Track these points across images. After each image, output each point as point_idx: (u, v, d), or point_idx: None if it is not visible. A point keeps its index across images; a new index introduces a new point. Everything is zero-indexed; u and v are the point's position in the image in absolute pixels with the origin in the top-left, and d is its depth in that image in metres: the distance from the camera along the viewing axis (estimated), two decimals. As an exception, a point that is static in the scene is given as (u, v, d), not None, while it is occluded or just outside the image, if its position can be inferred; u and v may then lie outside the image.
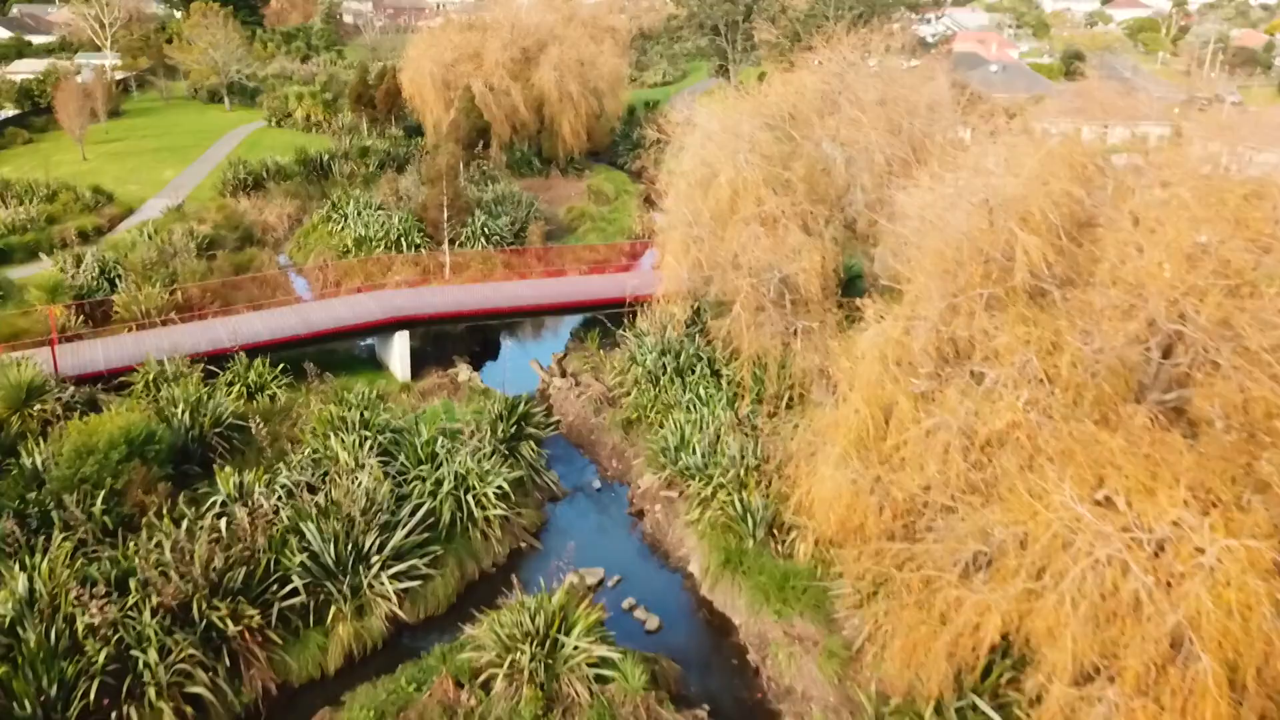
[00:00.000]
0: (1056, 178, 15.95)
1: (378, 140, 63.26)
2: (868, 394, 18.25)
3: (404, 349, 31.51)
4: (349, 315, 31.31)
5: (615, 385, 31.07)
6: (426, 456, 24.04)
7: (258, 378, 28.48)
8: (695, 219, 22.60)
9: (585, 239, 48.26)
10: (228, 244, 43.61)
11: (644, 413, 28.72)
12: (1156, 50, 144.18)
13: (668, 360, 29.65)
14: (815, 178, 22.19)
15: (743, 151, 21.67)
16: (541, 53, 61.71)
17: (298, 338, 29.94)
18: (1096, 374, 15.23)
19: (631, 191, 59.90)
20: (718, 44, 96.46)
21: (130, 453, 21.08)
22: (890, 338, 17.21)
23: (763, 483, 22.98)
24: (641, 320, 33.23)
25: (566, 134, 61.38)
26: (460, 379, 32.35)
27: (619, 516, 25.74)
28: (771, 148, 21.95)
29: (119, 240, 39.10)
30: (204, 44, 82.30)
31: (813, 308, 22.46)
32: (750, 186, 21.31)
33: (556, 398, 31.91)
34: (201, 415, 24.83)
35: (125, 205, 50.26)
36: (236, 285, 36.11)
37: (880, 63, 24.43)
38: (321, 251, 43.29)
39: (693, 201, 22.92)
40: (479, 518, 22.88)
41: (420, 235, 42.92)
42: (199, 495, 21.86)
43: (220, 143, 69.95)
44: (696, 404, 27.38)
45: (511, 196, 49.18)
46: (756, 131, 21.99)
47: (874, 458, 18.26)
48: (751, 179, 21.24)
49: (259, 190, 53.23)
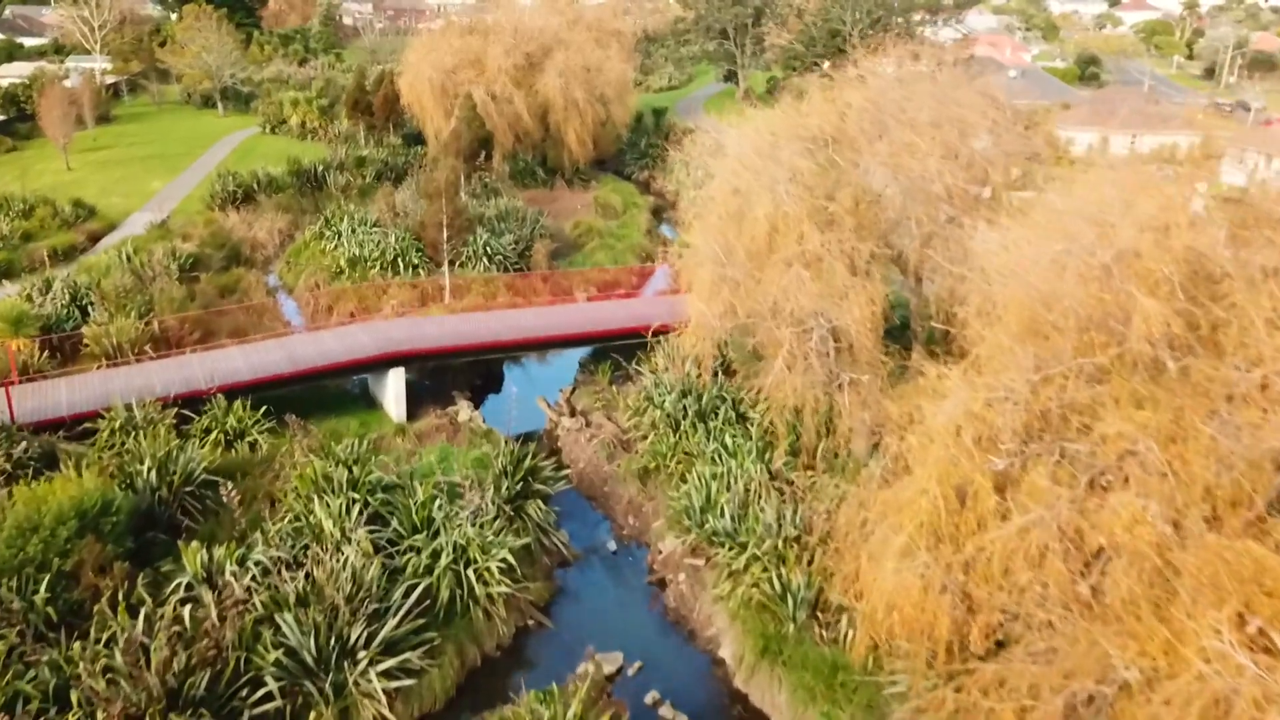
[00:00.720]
0: (1177, 227, 13.25)
1: (375, 149, 60.66)
2: (938, 472, 15.57)
3: (399, 387, 28.82)
4: (339, 350, 28.62)
5: (630, 427, 28.39)
6: (422, 522, 21.35)
7: (237, 423, 25.82)
8: (727, 256, 19.90)
9: (593, 257, 45.58)
10: (213, 264, 40.96)
11: (663, 461, 26.01)
12: (1171, 54, 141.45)
13: (688, 402, 26.94)
14: (863, 210, 19.53)
15: (782, 181, 19.01)
16: (546, 58, 59.02)
17: (282, 377, 27.25)
18: (1233, 468, 12.54)
19: (640, 204, 57.21)
20: (726, 48, 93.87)
21: (83, 527, 18.40)
22: (969, 412, 14.51)
23: (804, 556, 20.27)
24: (658, 353, 30.59)
25: (572, 143, 58.70)
26: (460, 418, 29.64)
27: (638, 586, 23.03)
28: (814, 176, 19.28)
29: (94, 263, 36.45)
30: (196, 47, 79.64)
31: (860, 356, 19.77)
32: (792, 222, 18.65)
33: (565, 440, 29.21)
34: (171, 473, 22.14)
35: (107, 220, 47.63)
36: (220, 313, 33.39)
37: (932, 76, 21.70)
38: (313, 273, 40.62)
39: (724, 236, 20.23)
40: (481, 595, 20.17)
41: (418, 255, 40.25)
42: (162, 575, 19.15)
43: (212, 150, 67.33)
44: (722, 454, 24.68)
45: (515, 212, 46.48)
46: (797, 158, 19.32)
47: (947, 549, 15.58)
48: (793, 213, 18.57)
49: (249, 203, 50.62)
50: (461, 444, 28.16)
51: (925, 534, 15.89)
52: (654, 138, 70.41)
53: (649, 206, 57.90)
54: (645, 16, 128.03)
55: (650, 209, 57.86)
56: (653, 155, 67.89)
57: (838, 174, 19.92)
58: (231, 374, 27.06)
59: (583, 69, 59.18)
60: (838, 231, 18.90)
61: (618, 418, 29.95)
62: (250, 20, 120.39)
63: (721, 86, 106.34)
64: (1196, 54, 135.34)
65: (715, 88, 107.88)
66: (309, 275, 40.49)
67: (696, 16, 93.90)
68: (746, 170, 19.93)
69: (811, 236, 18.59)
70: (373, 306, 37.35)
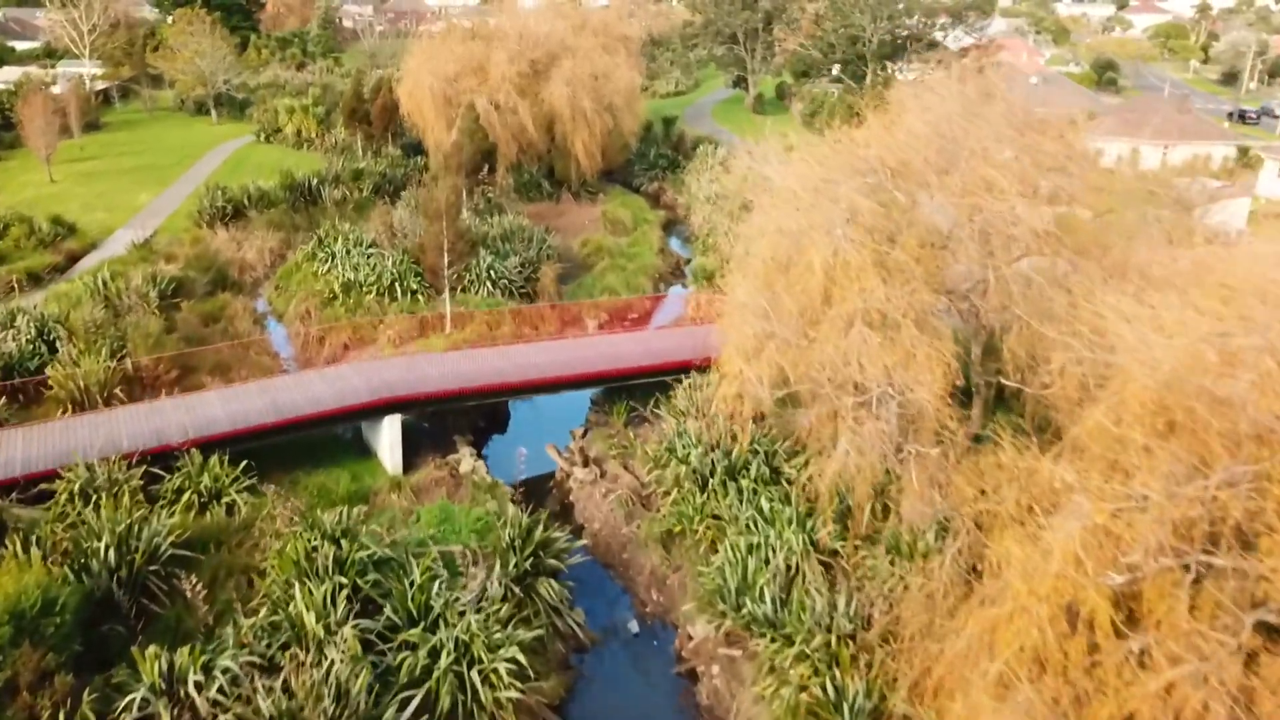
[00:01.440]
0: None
1: (373, 161, 57.88)
2: (1043, 589, 12.83)
3: (395, 436, 26.09)
4: (329, 396, 25.87)
5: (651, 480, 25.65)
6: (419, 610, 18.60)
7: (213, 482, 23.06)
8: (773, 308, 17.14)
9: (604, 279, 42.80)
10: (197, 289, 38.19)
11: (688, 524, 23.24)
12: (1188, 58, 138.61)
13: (716, 457, 24.15)
14: (931, 256, 16.82)
15: (839, 224, 16.29)
16: (552, 66, 56.26)
17: (265, 427, 24.50)
18: None
19: (651, 220, 54.42)
20: (735, 53, 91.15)
21: (19, 631, 15.66)
22: (1094, 525, 11.76)
23: (861, 656, 17.53)
24: (679, 393, 27.88)
25: (580, 155, 55.94)
26: (462, 469, 26.89)
27: (664, 676, 20.29)
28: (874, 216, 16.55)
29: (66, 291, 33.69)
30: (189, 53, 76.88)
31: (925, 424, 17.02)
32: (852, 272, 15.94)
33: (579, 495, 26.47)
34: (132, 550, 19.39)
35: (88, 238, 44.85)
36: (198, 353, 30.60)
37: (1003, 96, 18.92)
38: (304, 298, 37.83)
39: (770, 286, 17.49)
40: (487, 700, 17.42)
41: (417, 280, 37.48)
42: (114, 686, 16.39)
43: (204, 161, 64.65)
44: (758, 521, 21.91)
45: (520, 231, 43.71)
46: (856, 196, 16.57)
47: (1053, 682, 12.84)
48: (855, 262, 15.86)
49: (239, 220, 47.86)
50: (464, 499, 25.43)
51: (1026, 661, 13.16)
52: (663, 147, 67.74)
53: (660, 222, 55.13)
54: (650, 19, 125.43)
55: (661, 224, 55.09)
56: (662, 166, 65.23)
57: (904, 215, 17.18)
58: (208, 424, 24.30)
59: (590, 77, 56.43)
60: (904, 281, 16.16)
61: (636, 467, 27.23)
62: (247, 23, 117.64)
63: (729, 92, 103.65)
64: (1214, 58, 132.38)
65: (723, 93, 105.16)
66: (300, 301, 37.71)
67: (705, 20, 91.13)
68: (795, 208, 17.18)
69: (875, 289, 15.87)
70: (368, 337, 34.65)
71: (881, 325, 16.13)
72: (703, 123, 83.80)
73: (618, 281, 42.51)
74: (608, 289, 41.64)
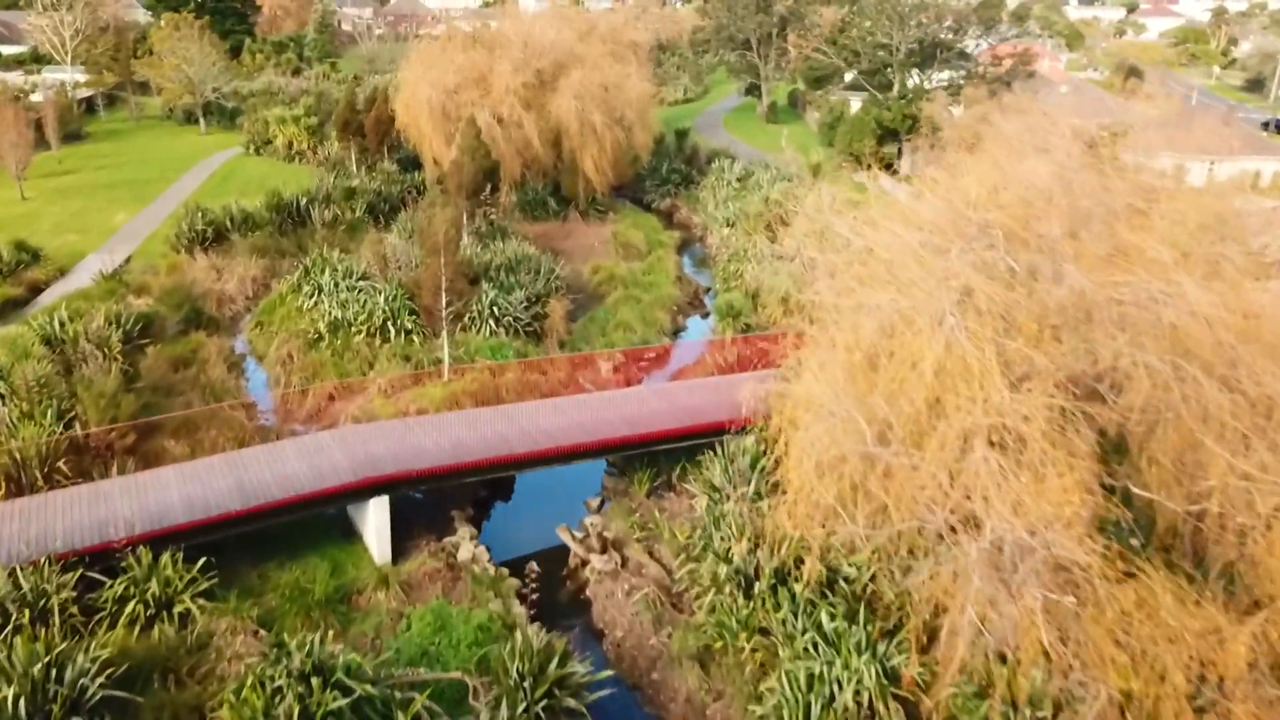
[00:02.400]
0: None
1: (366, 178, 54.11)
2: None
3: (382, 520, 22.34)
4: (305, 474, 22.08)
5: (682, 575, 21.89)
6: (406, 781, 14.84)
7: (164, 587, 19.30)
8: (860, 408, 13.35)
9: (617, 313, 39.03)
10: (168, 328, 34.45)
11: (730, 639, 19.47)
12: (1210, 63, 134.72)
13: (762, 556, 20.34)
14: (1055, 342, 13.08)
15: (948, 305, 12.58)
16: (559, 76, 52.50)
17: (229, 517, 20.72)
18: None
19: (666, 243, 50.61)
20: (748, 59, 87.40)
21: None
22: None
23: None
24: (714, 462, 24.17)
25: (589, 171, 52.18)
26: (461, 556, 23.14)
27: None
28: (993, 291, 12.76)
29: (14, 336, 29.84)
30: (176, 59, 73.13)
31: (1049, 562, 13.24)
32: (970, 372, 12.24)
33: (596, 591, 22.66)
34: (50, 698, 15.63)
35: (55, 265, 41.16)
36: (158, 417, 26.85)
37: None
38: (286, 339, 34.06)
39: (854, 383, 13.76)
40: None
41: (412, 319, 33.72)
42: None
43: (189, 175, 61.05)
44: (819, 643, 18.11)
45: (527, 260, 39.92)
46: (972, 272, 12.84)
47: None
48: (976, 363, 12.15)
49: (221, 244, 44.12)
50: (462, 597, 21.71)
51: None
52: (676, 162, 63.97)
53: (675, 244, 51.35)
54: (655, 23, 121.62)
55: (676, 246, 51.32)
56: (675, 182, 61.48)
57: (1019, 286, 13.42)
58: (161, 513, 20.53)
59: (600, 88, 52.65)
60: (1037, 384, 12.43)
61: (663, 553, 23.49)
62: (243, 27, 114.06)
63: (739, 100, 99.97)
64: (1240, 64, 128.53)
65: (733, 101, 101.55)
66: (281, 343, 33.92)
67: (717, 26, 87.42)
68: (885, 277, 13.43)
69: (1000, 395, 12.15)
70: (356, 385, 30.91)
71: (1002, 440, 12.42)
72: (715, 133, 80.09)
73: (633, 315, 38.73)
74: (622, 324, 37.88)
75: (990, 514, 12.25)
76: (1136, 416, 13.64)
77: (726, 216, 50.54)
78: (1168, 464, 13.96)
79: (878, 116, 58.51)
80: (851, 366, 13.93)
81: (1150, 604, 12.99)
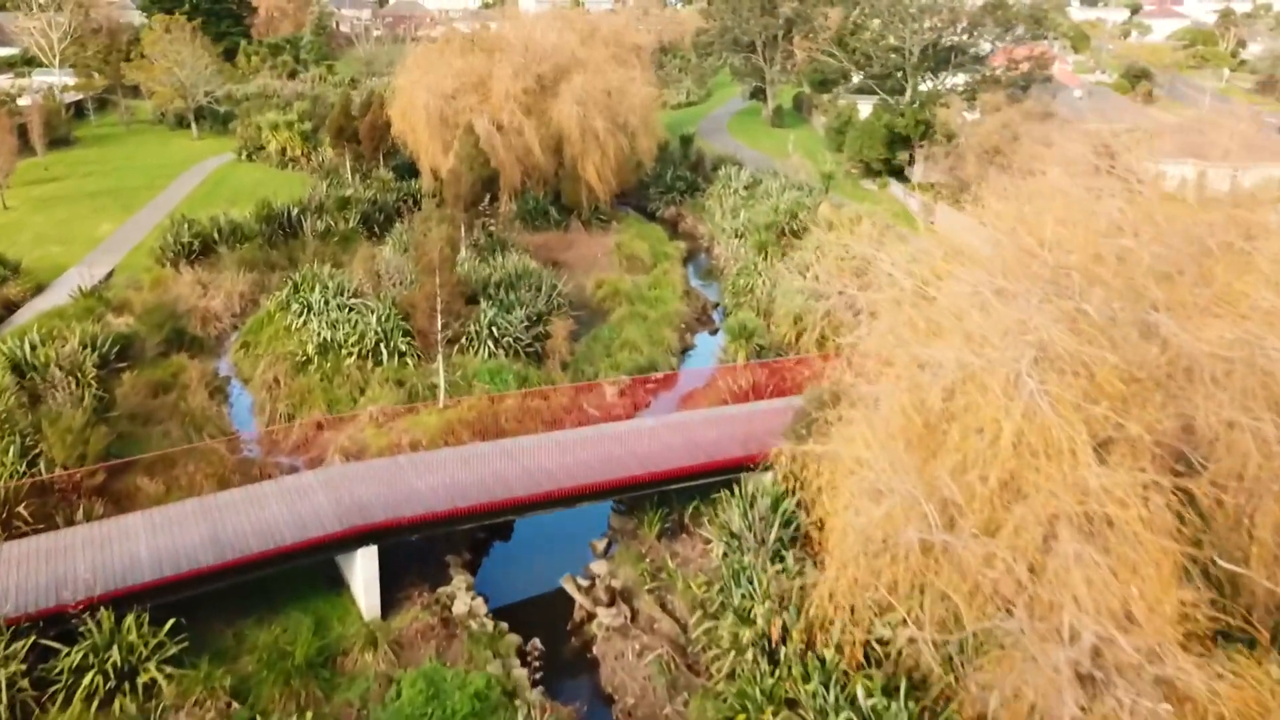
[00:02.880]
0: None
1: (361, 186, 52.20)
2: None
3: (371, 572, 20.46)
4: (286, 522, 20.18)
5: (698, 632, 20.00)
6: None
7: (127, 654, 17.42)
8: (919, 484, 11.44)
9: (623, 331, 37.11)
10: (148, 349, 32.57)
11: (753, 712, 17.56)
12: (1220, 65, 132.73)
13: (788, 618, 18.44)
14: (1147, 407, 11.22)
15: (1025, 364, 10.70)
16: (561, 81, 50.58)
17: (200, 573, 18.83)
18: None
19: (671, 254, 48.67)
20: (753, 62, 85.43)
21: None
22: None
23: None
24: (731, 504, 22.29)
25: (591, 179, 50.26)
26: (456, 610, 21.25)
27: None
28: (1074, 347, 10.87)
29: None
30: (167, 62, 71.14)
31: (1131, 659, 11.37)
32: (1055, 447, 10.38)
33: (604, 649, 20.76)
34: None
35: (34, 280, 39.17)
36: (129, 459, 24.97)
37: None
38: (273, 361, 32.17)
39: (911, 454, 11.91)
40: None
41: (406, 341, 31.82)
42: None
43: (178, 182, 59.08)
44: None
45: (527, 276, 38.00)
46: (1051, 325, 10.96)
47: None
48: (1064, 435, 10.29)
49: (208, 256, 42.23)
50: (458, 658, 19.83)
51: None
52: (681, 168, 62.00)
53: (680, 255, 49.42)
54: (658, 24, 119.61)
55: (682, 257, 49.39)
56: (680, 189, 59.53)
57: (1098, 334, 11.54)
58: (126, 569, 18.64)
59: (603, 93, 50.76)
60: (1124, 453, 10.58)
61: (677, 605, 21.61)
62: (238, 29, 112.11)
63: (743, 103, 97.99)
64: (1250, 66, 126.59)
65: (737, 104, 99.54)
66: (269, 365, 32.05)
67: (721, 28, 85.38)
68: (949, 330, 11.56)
69: (1089, 470, 10.29)
70: (346, 415, 29.02)
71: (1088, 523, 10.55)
72: (719, 138, 78.10)
73: (638, 334, 36.79)
74: (627, 344, 35.92)
75: (1080, 614, 10.37)
76: (1234, 485, 11.72)
77: (735, 227, 48.61)
78: (1269, 540, 12.06)
79: (889, 122, 56.58)
80: (908, 430, 12.06)
81: (1260, 706, 11.10)
